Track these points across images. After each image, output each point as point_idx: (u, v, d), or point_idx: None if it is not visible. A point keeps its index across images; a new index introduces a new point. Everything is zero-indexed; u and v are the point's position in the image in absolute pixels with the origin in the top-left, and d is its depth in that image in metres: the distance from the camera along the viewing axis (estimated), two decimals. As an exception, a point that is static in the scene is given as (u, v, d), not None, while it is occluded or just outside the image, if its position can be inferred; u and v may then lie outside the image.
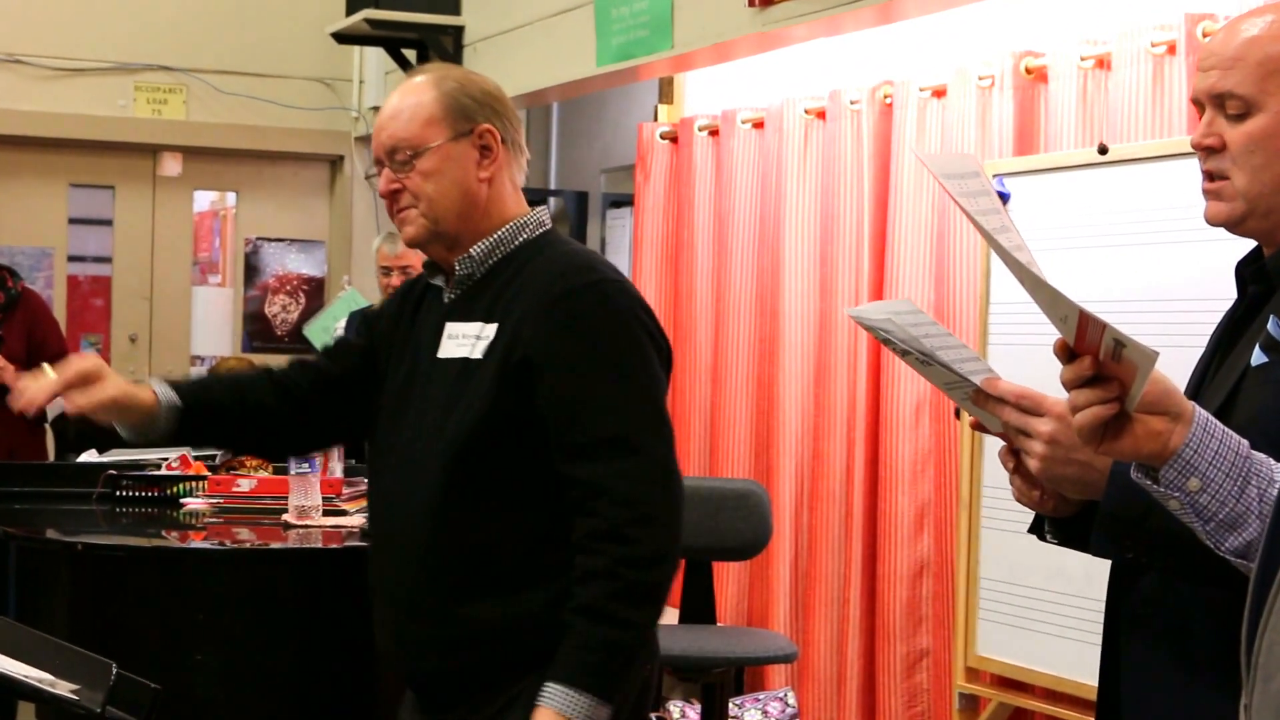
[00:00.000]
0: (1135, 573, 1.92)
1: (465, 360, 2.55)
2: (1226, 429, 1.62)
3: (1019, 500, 1.87)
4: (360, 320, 2.98)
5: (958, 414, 1.85)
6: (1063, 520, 1.88)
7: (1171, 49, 4.11)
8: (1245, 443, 1.63)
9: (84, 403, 2.57)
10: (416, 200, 2.60)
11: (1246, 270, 1.99)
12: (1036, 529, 1.95)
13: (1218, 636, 1.84)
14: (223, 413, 2.72)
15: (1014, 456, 1.78)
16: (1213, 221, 1.98)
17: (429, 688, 2.62)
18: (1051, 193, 4.24)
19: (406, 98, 2.63)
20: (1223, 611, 1.82)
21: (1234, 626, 1.82)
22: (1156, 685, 1.91)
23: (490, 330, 2.54)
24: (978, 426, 1.83)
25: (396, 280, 5.86)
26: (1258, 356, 1.85)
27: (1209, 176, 1.96)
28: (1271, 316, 1.86)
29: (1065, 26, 4.64)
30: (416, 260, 5.98)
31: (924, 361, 1.71)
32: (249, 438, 2.84)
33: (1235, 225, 1.96)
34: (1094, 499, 1.77)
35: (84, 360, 2.59)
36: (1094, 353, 1.58)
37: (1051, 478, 1.75)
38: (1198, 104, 1.98)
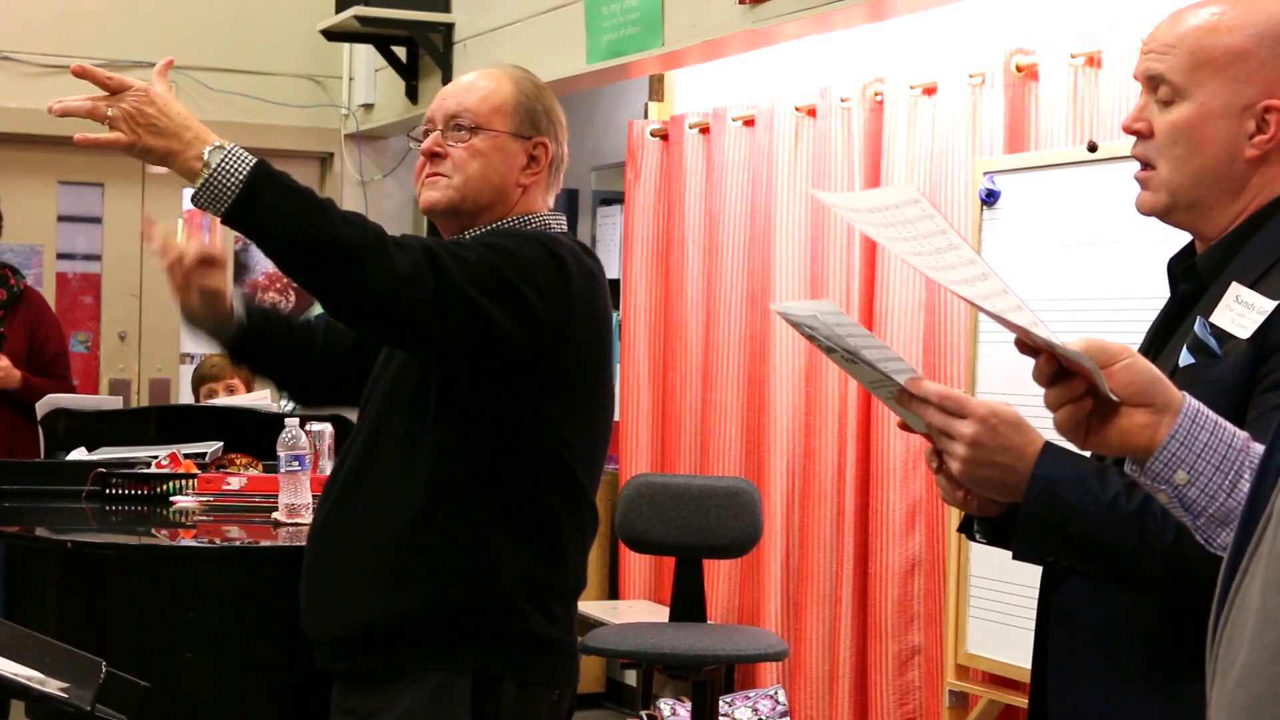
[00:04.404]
0: (1064, 570, 1.91)
1: None
2: (1222, 421, 1.59)
3: (945, 500, 1.84)
4: None
5: (902, 426, 1.82)
6: (991, 520, 1.86)
7: (1162, 46, 4.11)
8: (1244, 435, 1.59)
9: (206, 281, 2.68)
10: (454, 171, 2.63)
11: (1178, 268, 1.98)
12: (966, 529, 1.93)
13: (1142, 636, 1.84)
14: (272, 345, 2.80)
15: (938, 457, 1.75)
16: (1141, 211, 1.96)
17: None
18: (1042, 190, 4.25)
19: (484, 80, 2.69)
20: (1147, 612, 1.83)
21: (1158, 627, 1.82)
22: (1081, 682, 1.91)
23: None
24: (904, 426, 1.81)
25: None
26: (1185, 358, 1.84)
27: (1140, 164, 1.96)
28: (1198, 318, 1.85)
29: (1056, 24, 4.64)
30: None
31: (849, 360, 1.69)
32: (286, 373, 2.91)
33: (1164, 216, 1.95)
34: (1017, 501, 1.74)
35: (213, 246, 2.70)
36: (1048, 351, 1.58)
37: (973, 480, 1.73)
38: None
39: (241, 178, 2.33)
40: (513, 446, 2.57)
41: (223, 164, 2.33)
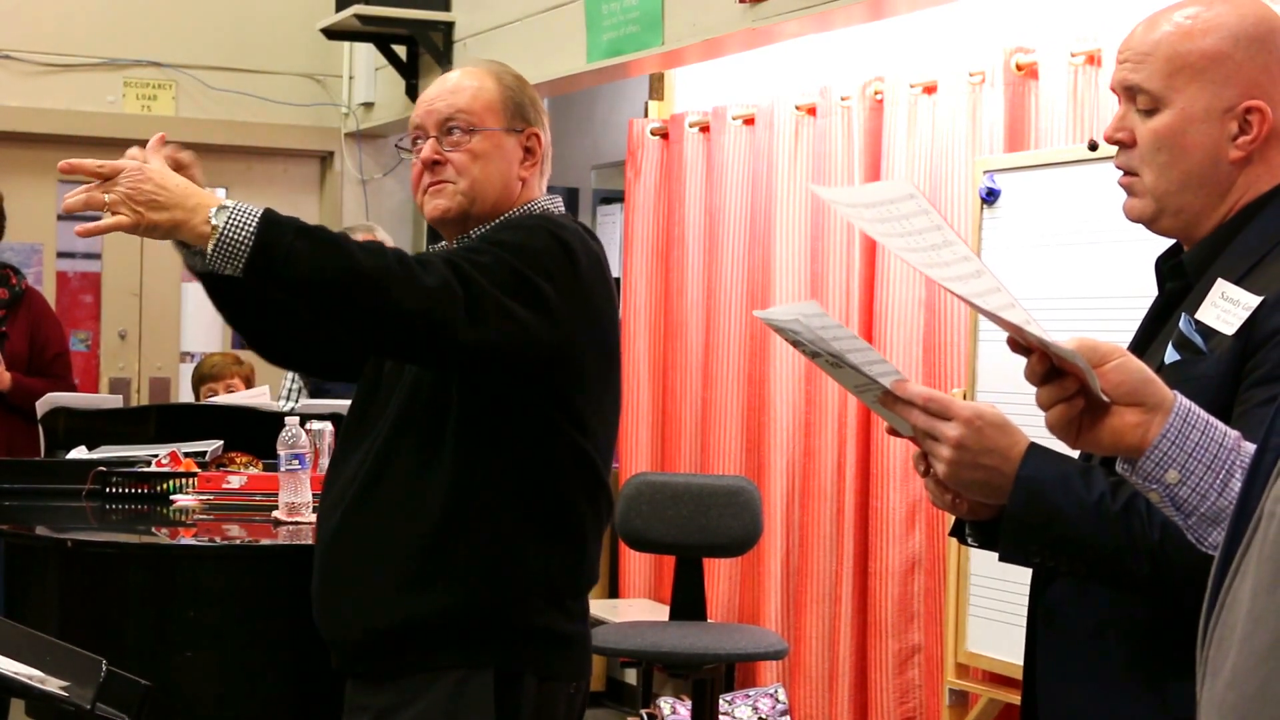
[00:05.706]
0: (1052, 571, 1.91)
1: None
2: (1213, 420, 1.59)
3: (934, 503, 1.85)
4: None
5: (890, 431, 1.82)
6: (983, 523, 1.86)
7: (1162, 45, 4.12)
8: (1235, 434, 1.60)
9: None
10: (458, 176, 2.60)
11: (1165, 265, 1.99)
12: (957, 532, 1.94)
13: (1131, 635, 1.84)
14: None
15: (925, 461, 1.76)
16: (1130, 217, 1.97)
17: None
18: (1042, 189, 4.25)
19: (468, 79, 2.65)
20: (1135, 612, 1.83)
21: (1146, 626, 1.82)
22: (1070, 681, 1.91)
23: None
24: (891, 431, 1.81)
25: None
26: (1170, 354, 1.84)
27: (1123, 172, 1.96)
28: (1184, 315, 1.85)
29: (1056, 23, 4.64)
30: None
31: (834, 364, 1.69)
32: (270, 327, 2.77)
33: (1151, 223, 1.95)
34: (1003, 503, 1.74)
35: (179, 151, 2.52)
36: (1041, 349, 1.58)
37: (958, 482, 1.73)
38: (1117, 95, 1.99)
39: (251, 230, 2.29)
40: (536, 437, 2.57)
41: (229, 222, 2.30)
